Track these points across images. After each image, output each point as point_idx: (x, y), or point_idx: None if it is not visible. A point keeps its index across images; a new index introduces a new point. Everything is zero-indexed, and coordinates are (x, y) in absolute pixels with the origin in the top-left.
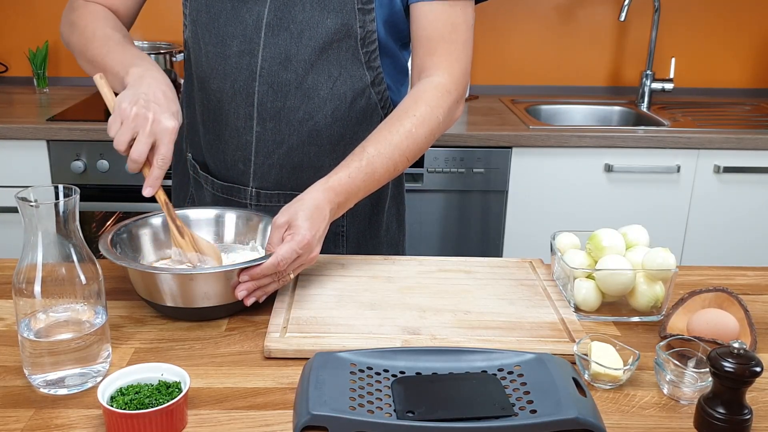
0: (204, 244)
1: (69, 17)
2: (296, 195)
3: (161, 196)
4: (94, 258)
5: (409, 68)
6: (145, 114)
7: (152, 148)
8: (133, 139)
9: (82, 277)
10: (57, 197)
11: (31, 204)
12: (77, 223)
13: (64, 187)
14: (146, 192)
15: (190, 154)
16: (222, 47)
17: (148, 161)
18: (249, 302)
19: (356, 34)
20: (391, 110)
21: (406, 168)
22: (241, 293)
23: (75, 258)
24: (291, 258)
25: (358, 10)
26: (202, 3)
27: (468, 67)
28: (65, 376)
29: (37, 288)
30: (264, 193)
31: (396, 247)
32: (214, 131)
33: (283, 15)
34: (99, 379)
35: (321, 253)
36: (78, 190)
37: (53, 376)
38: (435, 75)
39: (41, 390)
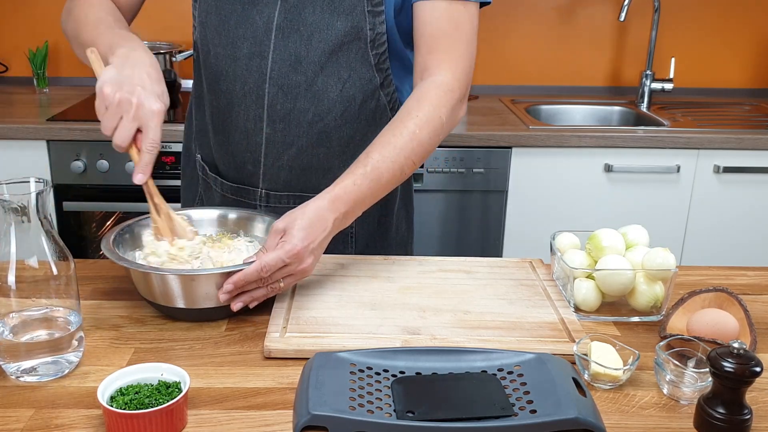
0: (179, 227)
1: (69, 5)
2: (305, 196)
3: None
4: (67, 252)
5: None
6: (129, 99)
7: (140, 133)
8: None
9: (55, 270)
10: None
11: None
12: (49, 216)
13: (35, 181)
14: (137, 179)
15: (199, 155)
16: (232, 49)
17: (137, 147)
18: (235, 307)
19: (366, 37)
20: None
21: (413, 171)
22: (223, 297)
23: (48, 252)
24: (276, 266)
25: (368, 12)
26: (211, 5)
27: (471, 66)
28: (38, 365)
29: (12, 278)
30: (273, 195)
31: (405, 248)
32: (224, 133)
33: (293, 17)
34: (71, 368)
35: (329, 253)
36: (49, 182)
37: (27, 365)
38: (437, 74)
39: (18, 379)
